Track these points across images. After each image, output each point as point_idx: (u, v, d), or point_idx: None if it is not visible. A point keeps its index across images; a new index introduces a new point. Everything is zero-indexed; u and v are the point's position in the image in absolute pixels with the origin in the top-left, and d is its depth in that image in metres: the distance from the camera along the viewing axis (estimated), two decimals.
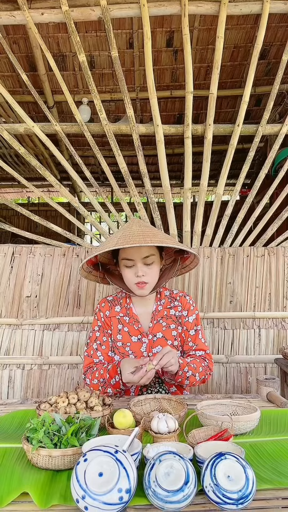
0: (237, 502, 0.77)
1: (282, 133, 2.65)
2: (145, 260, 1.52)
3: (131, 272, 1.54)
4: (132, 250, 1.52)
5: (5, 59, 3.71)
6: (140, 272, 1.52)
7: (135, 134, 2.65)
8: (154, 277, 1.56)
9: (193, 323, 1.65)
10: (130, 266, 1.54)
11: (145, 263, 1.53)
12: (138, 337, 1.60)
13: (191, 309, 1.66)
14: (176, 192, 7.91)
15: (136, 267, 1.53)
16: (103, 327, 1.64)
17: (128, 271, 1.55)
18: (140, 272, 1.52)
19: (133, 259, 1.52)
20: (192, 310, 1.66)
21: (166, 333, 1.60)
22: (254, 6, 2.52)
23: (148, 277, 1.54)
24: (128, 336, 1.60)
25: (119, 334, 1.61)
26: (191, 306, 1.66)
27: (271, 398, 1.45)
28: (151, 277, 1.55)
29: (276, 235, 2.76)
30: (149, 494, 0.79)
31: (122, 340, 1.60)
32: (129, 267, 1.55)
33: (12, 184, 7.64)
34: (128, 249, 1.53)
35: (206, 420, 1.14)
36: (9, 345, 2.50)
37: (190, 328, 1.64)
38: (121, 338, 1.61)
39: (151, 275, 1.54)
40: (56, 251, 2.60)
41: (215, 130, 2.67)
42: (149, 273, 1.54)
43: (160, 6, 2.50)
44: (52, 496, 0.84)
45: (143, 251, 1.51)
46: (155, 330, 1.60)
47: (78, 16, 2.52)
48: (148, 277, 1.54)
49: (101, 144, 4.42)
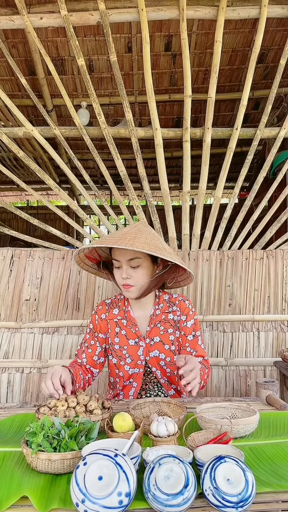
0: (237, 505, 0.77)
1: (280, 137, 2.66)
2: (130, 263, 1.51)
3: (118, 273, 1.55)
4: (118, 252, 1.52)
5: (4, 63, 3.72)
6: (124, 274, 1.51)
7: (134, 138, 2.66)
8: (139, 280, 1.53)
9: (191, 328, 1.63)
10: (117, 267, 1.56)
11: (130, 265, 1.52)
12: (135, 340, 1.60)
13: (190, 314, 1.65)
14: (175, 195, 7.92)
15: (122, 269, 1.53)
16: (94, 330, 1.65)
17: (116, 272, 1.57)
18: (124, 274, 1.51)
19: (119, 260, 1.53)
20: (191, 315, 1.65)
21: (163, 337, 1.60)
22: (252, 11, 2.54)
23: (133, 280, 1.52)
24: (125, 339, 1.60)
25: (116, 337, 1.61)
26: (190, 311, 1.65)
27: (270, 401, 1.45)
28: (135, 280, 1.53)
29: (274, 237, 2.77)
30: (149, 497, 0.79)
31: (120, 343, 1.60)
32: (117, 267, 1.56)
33: (11, 187, 7.64)
34: (115, 250, 1.53)
35: (206, 423, 1.14)
36: (8, 348, 2.49)
37: (188, 333, 1.63)
38: (119, 341, 1.61)
39: (136, 279, 1.53)
40: (55, 254, 2.60)
41: (213, 134, 2.68)
42: (134, 276, 1.52)
43: (158, 11, 2.52)
44: (51, 500, 0.83)
45: (128, 253, 1.50)
46: (153, 334, 1.60)
47: (77, 20, 2.53)
48: (132, 280, 1.52)
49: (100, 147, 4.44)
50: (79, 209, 2.76)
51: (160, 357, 1.58)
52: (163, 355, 1.59)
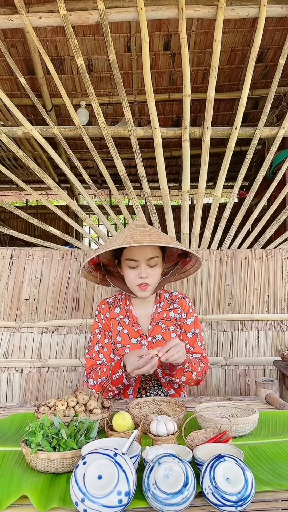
0: (236, 504, 0.77)
1: (279, 136, 2.66)
2: (149, 262, 1.52)
3: (134, 273, 1.54)
4: (137, 251, 1.51)
5: (3, 62, 3.71)
6: (144, 273, 1.51)
7: (133, 137, 2.66)
8: (156, 279, 1.56)
9: (191, 326, 1.64)
10: (133, 267, 1.54)
11: (149, 264, 1.53)
12: (137, 339, 1.60)
13: (190, 311, 1.66)
14: (174, 194, 7.93)
15: (139, 268, 1.52)
16: (104, 329, 1.64)
17: (131, 272, 1.55)
18: (144, 273, 1.51)
19: (137, 259, 1.52)
20: (191, 313, 1.66)
21: (165, 335, 1.60)
22: (251, 10, 2.53)
23: (151, 279, 1.54)
24: (128, 338, 1.60)
25: (118, 336, 1.61)
26: (190, 308, 1.67)
27: (269, 400, 1.45)
28: (153, 279, 1.55)
29: (274, 237, 2.77)
30: (149, 496, 0.79)
31: (122, 342, 1.60)
32: (132, 267, 1.54)
33: (10, 187, 7.64)
34: (133, 250, 1.52)
35: (205, 423, 1.14)
36: (8, 348, 2.49)
37: (188, 330, 1.64)
38: (121, 340, 1.61)
39: (153, 277, 1.54)
40: (54, 254, 2.60)
41: (213, 133, 2.68)
42: (152, 275, 1.54)
43: (157, 10, 2.52)
44: (51, 499, 0.84)
45: (148, 252, 1.51)
46: (155, 332, 1.60)
47: (76, 20, 2.53)
48: (150, 279, 1.53)
49: (99, 147, 4.44)
50: (78, 209, 2.75)
51: None
52: None
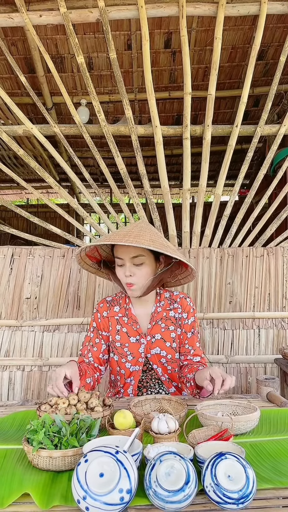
0: (238, 501, 0.77)
1: (280, 134, 2.66)
2: (133, 260, 1.51)
3: (121, 271, 1.54)
4: (122, 249, 1.51)
5: (4, 61, 3.71)
6: (128, 271, 1.51)
7: (134, 135, 2.66)
8: (142, 278, 1.53)
9: (191, 326, 1.64)
10: (120, 265, 1.55)
11: (134, 263, 1.51)
12: (136, 338, 1.60)
13: (190, 311, 1.65)
14: (175, 193, 7.92)
15: (125, 267, 1.53)
16: (98, 329, 1.65)
17: (119, 270, 1.56)
18: (128, 271, 1.51)
19: (122, 258, 1.52)
20: (192, 313, 1.66)
21: (164, 335, 1.60)
22: (251, 7, 2.53)
23: (136, 278, 1.52)
24: (127, 337, 1.60)
25: (117, 335, 1.62)
26: (191, 308, 1.66)
27: (271, 398, 1.45)
28: (139, 278, 1.52)
29: (275, 235, 2.77)
30: (150, 494, 0.79)
31: (121, 340, 1.61)
32: (120, 266, 1.55)
33: (11, 185, 7.64)
34: (118, 248, 1.53)
35: (206, 420, 1.14)
36: (9, 346, 2.50)
37: (188, 330, 1.63)
38: (120, 339, 1.61)
39: (139, 276, 1.52)
40: (55, 252, 2.60)
41: (213, 131, 2.67)
42: (138, 274, 1.52)
43: (158, 8, 2.51)
44: (53, 497, 0.84)
45: (131, 251, 1.50)
46: (154, 332, 1.60)
47: (76, 18, 2.53)
48: (135, 278, 1.52)
49: (100, 145, 4.43)
50: (79, 207, 2.75)
51: (161, 354, 1.59)
52: (164, 352, 1.59)
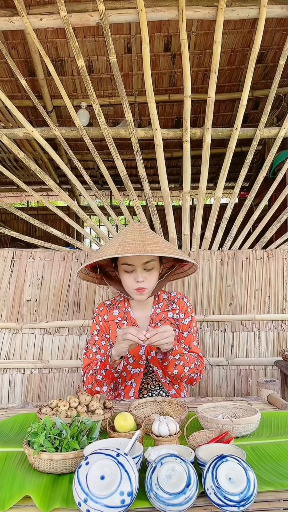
0: (239, 504, 0.77)
1: (280, 136, 2.66)
2: (146, 266, 1.52)
3: (131, 277, 1.54)
4: (133, 256, 1.51)
5: (4, 64, 3.72)
6: (140, 277, 1.51)
7: (134, 138, 2.66)
8: (153, 282, 1.56)
9: (188, 325, 1.64)
10: (130, 271, 1.54)
11: (145, 268, 1.52)
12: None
13: (188, 311, 1.66)
14: (175, 195, 7.92)
15: (136, 273, 1.52)
16: (102, 331, 1.65)
17: (128, 276, 1.55)
18: (140, 277, 1.51)
19: (133, 264, 1.52)
20: (189, 313, 1.66)
21: None
22: (251, 11, 2.54)
23: (147, 283, 1.53)
24: None
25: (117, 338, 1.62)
26: (188, 308, 1.67)
27: (271, 401, 1.45)
28: (150, 282, 1.54)
29: (275, 237, 2.77)
30: (151, 497, 0.79)
31: None
32: (128, 272, 1.54)
33: (11, 188, 7.64)
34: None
35: (207, 423, 1.14)
36: (9, 349, 2.49)
37: (184, 330, 1.64)
38: None
39: (150, 280, 1.54)
40: (55, 255, 2.60)
41: (213, 134, 2.68)
42: (149, 279, 1.53)
43: (157, 11, 2.52)
44: (54, 499, 0.84)
45: (144, 257, 1.50)
46: None
47: (76, 21, 2.54)
48: (147, 283, 1.53)
49: (100, 148, 4.43)
50: (79, 210, 2.76)
51: None
52: None
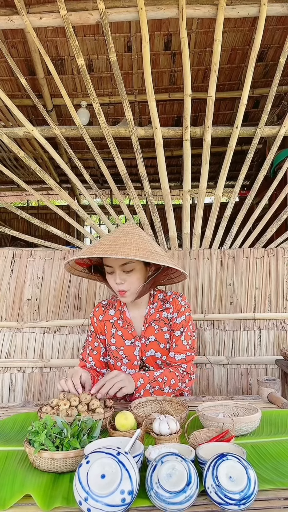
0: (239, 502, 0.77)
1: (280, 135, 2.66)
2: (123, 268, 1.49)
3: (112, 279, 1.53)
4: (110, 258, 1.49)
5: (4, 63, 3.72)
6: (118, 279, 1.49)
7: (134, 137, 2.66)
8: (134, 284, 1.52)
9: (180, 324, 1.59)
10: (110, 272, 1.53)
11: (123, 270, 1.50)
12: (131, 340, 1.60)
13: (181, 310, 1.61)
14: (175, 194, 7.92)
15: (115, 274, 1.51)
16: (96, 332, 1.66)
17: (110, 277, 1.54)
18: (118, 279, 1.49)
19: (111, 265, 1.51)
20: (183, 311, 1.61)
21: (158, 336, 1.59)
22: (251, 9, 2.53)
23: (127, 285, 1.51)
24: (122, 340, 1.60)
25: (113, 338, 1.62)
26: (182, 307, 1.62)
27: (272, 399, 1.45)
28: (130, 285, 1.51)
29: (275, 236, 2.77)
30: (152, 495, 0.79)
31: (116, 344, 1.61)
32: (110, 273, 1.54)
33: (12, 187, 7.64)
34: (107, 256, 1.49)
35: (207, 422, 1.14)
36: (10, 348, 2.50)
37: (176, 329, 1.59)
38: (115, 342, 1.61)
39: (130, 282, 1.51)
40: (56, 254, 2.60)
41: (213, 132, 2.68)
42: (128, 280, 1.51)
43: (157, 10, 2.52)
44: (54, 498, 0.84)
45: (120, 259, 1.47)
46: (148, 334, 1.60)
47: (76, 20, 2.53)
48: (127, 285, 1.51)
49: (100, 147, 4.43)
50: (79, 209, 2.76)
51: (157, 356, 1.58)
52: (159, 353, 1.58)
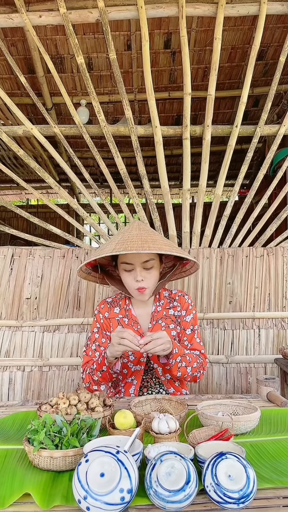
0: (238, 501, 0.77)
1: (280, 134, 2.66)
2: (145, 265, 1.51)
3: (131, 277, 1.53)
4: (131, 255, 1.50)
5: (4, 61, 3.71)
6: (139, 276, 1.50)
7: (134, 136, 2.66)
8: (153, 281, 1.55)
9: (190, 323, 1.64)
10: (129, 270, 1.53)
11: (145, 267, 1.51)
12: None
13: (189, 308, 1.66)
14: (175, 193, 7.92)
15: (135, 272, 1.51)
16: (102, 329, 1.65)
17: (127, 275, 1.54)
18: (139, 276, 1.50)
19: (132, 263, 1.51)
20: (190, 310, 1.66)
21: None
22: (251, 8, 2.53)
23: (147, 282, 1.52)
24: None
25: None
26: (189, 305, 1.66)
27: (271, 398, 1.45)
28: (150, 282, 1.53)
29: (275, 235, 2.77)
30: (151, 494, 0.79)
31: None
32: (128, 271, 1.53)
33: (11, 186, 7.64)
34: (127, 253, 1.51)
35: (207, 420, 1.14)
36: (9, 347, 2.50)
37: (187, 327, 1.64)
38: None
39: (150, 280, 1.53)
40: (55, 252, 2.60)
41: (213, 131, 2.67)
42: (148, 278, 1.52)
43: (157, 8, 2.51)
44: (54, 497, 0.84)
45: (142, 255, 1.49)
46: (155, 331, 1.60)
47: (76, 18, 2.53)
48: (147, 282, 1.52)
49: (99, 145, 4.44)
50: (79, 208, 2.76)
51: None
52: None
